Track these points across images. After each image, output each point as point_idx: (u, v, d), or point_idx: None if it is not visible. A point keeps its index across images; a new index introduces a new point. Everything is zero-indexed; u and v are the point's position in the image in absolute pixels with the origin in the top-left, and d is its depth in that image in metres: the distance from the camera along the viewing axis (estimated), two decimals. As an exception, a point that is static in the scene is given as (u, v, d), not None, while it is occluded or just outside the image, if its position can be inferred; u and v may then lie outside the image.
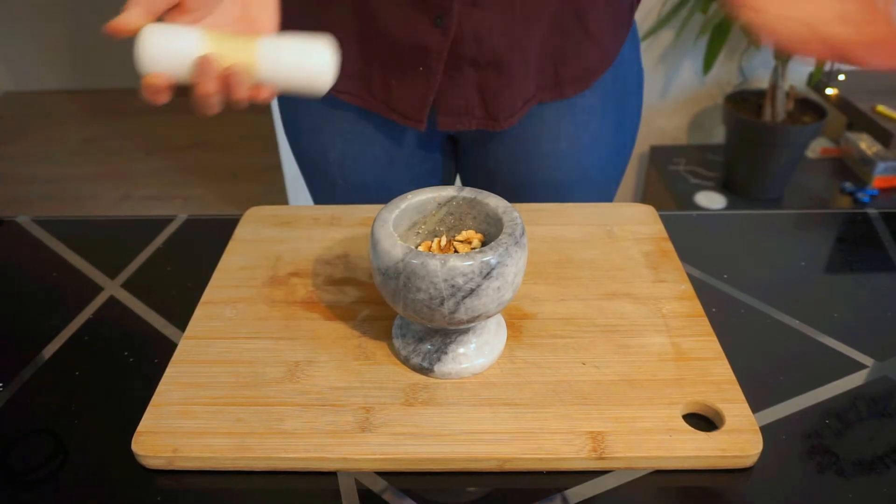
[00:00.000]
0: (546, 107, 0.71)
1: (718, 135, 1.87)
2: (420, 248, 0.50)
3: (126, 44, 0.43)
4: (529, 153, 0.73)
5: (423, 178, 0.78)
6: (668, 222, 0.68)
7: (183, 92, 0.46)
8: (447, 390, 0.49)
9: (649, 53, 1.74)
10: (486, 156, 0.75)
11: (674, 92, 1.81)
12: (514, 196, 0.74)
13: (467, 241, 0.52)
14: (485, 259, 0.44)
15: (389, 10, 0.63)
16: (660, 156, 1.84)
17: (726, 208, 1.64)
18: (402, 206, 0.50)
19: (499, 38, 0.63)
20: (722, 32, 1.54)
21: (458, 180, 0.86)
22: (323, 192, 0.80)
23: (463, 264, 0.44)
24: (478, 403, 0.48)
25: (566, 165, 0.74)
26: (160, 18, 0.45)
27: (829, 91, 1.62)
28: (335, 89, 0.70)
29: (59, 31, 2.89)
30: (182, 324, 0.57)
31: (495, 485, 0.45)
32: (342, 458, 0.45)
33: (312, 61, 0.47)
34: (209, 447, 0.45)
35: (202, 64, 0.44)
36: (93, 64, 2.94)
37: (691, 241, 0.67)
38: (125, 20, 0.43)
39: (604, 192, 0.79)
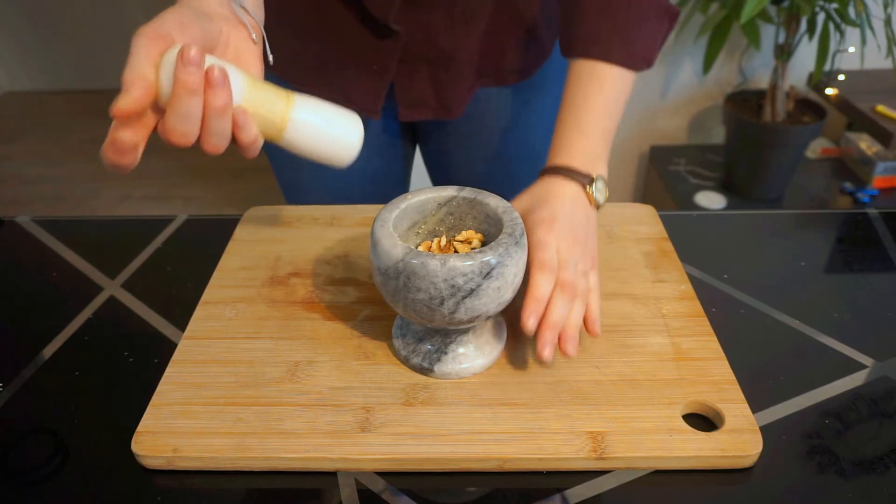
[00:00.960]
0: (491, 89, 0.76)
1: (718, 135, 1.87)
2: (420, 248, 0.50)
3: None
4: (480, 130, 0.80)
5: (382, 150, 0.82)
6: (668, 222, 0.68)
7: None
8: (447, 390, 0.49)
9: (649, 53, 1.73)
10: (441, 135, 0.82)
11: (674, 92, 1.82)
12: (468, 169, 0.83)
13: (467, 241, 0.52)
14: (485, 259, 0.44)
15: (343, 18, 0.68)
16: (660, 156, 1.84)
17: (726, 208, 1.64)
18: (402, 206, 0.50)
19: (445, 37, 0.69)
20: (722, 32, 1.54)
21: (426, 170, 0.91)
22: (286, 170, 0.84)
23: (463, 264, 0.44)
24: (478, 403, 0.48)
25: (513, 140, 0.81)
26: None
27: (829, 91, 1.62)
28: (296, 80, 0.74)
29: (59, 31, 2.89)
30: (182, 324, 0.57)
31: (495, 485, 0.45)
32: (342, 458, 0.45)
33: (343, 132, 0.46)
34: (209, 447, 0.45)
35: (186, 54, 0.38)
36: (93, 64, 2.94)
37: (691, 242, 0.67)
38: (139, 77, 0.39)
39: None
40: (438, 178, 0.88)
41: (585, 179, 0.54)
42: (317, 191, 0.81)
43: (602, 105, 0.56)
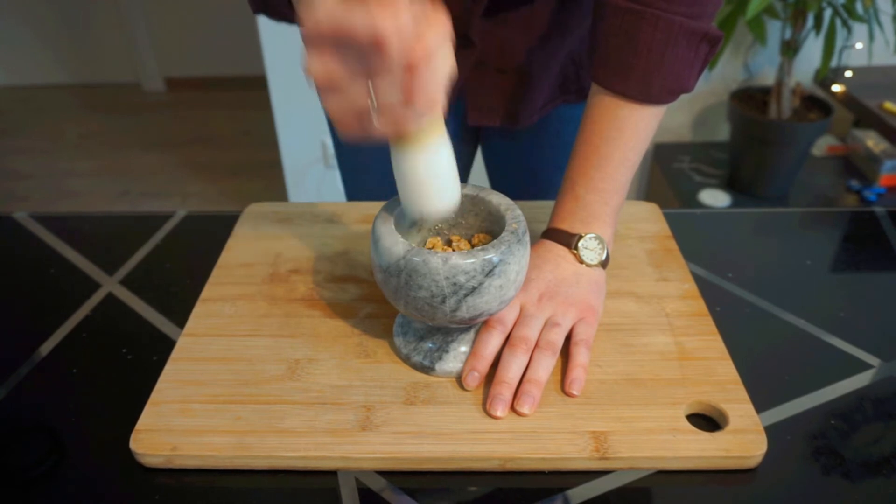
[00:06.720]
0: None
1: (723, 132, 1.86)
2: (422, 246, 0.49)
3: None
4: (545, 141, 0.79)
5: None
6: (671, 220, 0.68)
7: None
8: (448, 389, 0.49)
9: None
10: (506, 142, 0.81)
11: (678, 89, 1.80)
12: (531, 179, 0.82)
13: (469, 239, 0.51)
14: (487, 257, 0.44)
15: None
16: (664, 153, 1.83)
17: (731, 206, 1.63)
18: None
19: (520, 51, 0.68)
20: (727, 28, 1.53)
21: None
22: (347, 152, 0.84)
23: (465, 262, 0.43)
24: (479, 402, 0.48)
25: None
26: None
27: (836, 88, 1.61)
28: None
29: (56, 25, 2.89)
30: (181, 321, 0.56)
31: (497, 484, 0.44)
32: (342, 457, 0.44)
33: (447, 186, 0.45)
34: (208, 445, 0.45)
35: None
36: (91, 58, 2.93)
37: (695, 240, 0.66)
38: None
39: None
40: (497, 181, 0.87)
41: (571, 239, 0.54)
42: (377, 174, 0.79)
43: (608, 163, 0.54)
